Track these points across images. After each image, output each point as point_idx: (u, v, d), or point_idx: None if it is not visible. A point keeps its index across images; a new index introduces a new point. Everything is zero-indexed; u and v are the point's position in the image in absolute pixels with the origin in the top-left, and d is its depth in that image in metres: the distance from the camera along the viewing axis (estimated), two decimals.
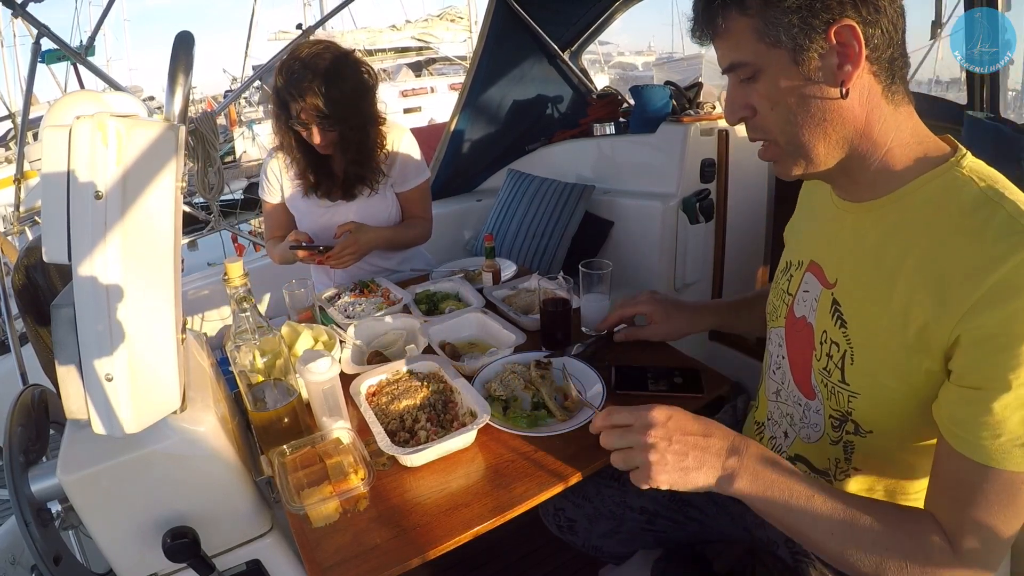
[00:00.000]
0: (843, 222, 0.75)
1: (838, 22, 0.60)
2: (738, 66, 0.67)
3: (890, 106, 0.65)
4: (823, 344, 0.75)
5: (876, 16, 0.60)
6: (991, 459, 0.58)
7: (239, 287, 0.85)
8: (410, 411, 0.96)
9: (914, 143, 0.67)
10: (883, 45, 0.62)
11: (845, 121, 0.65)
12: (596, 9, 2.74)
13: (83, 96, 1.42)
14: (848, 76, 0.62)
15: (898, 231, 0.67)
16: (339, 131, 1.50)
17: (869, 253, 0.70)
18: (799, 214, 0.93)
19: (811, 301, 0.78)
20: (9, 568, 1.11)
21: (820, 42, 0.61)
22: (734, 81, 0.70)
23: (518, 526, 0.83)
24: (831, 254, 0.77)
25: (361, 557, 0.73)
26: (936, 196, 0.64)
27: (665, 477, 0.68)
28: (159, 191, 0.67)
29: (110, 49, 17.92)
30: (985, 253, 0.58)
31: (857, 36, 0.60)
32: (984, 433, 0.58)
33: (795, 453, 0.85)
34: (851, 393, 0.71)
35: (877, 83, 0.64)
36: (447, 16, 13.06)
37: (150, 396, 0.69)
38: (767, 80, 0.65)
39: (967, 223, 0.61)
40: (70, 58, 3.94)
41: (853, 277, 0.72)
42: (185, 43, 0.70)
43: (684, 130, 2.13)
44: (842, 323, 0.72)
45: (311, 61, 1.43)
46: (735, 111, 0.71)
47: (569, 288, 1.19)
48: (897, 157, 0.67)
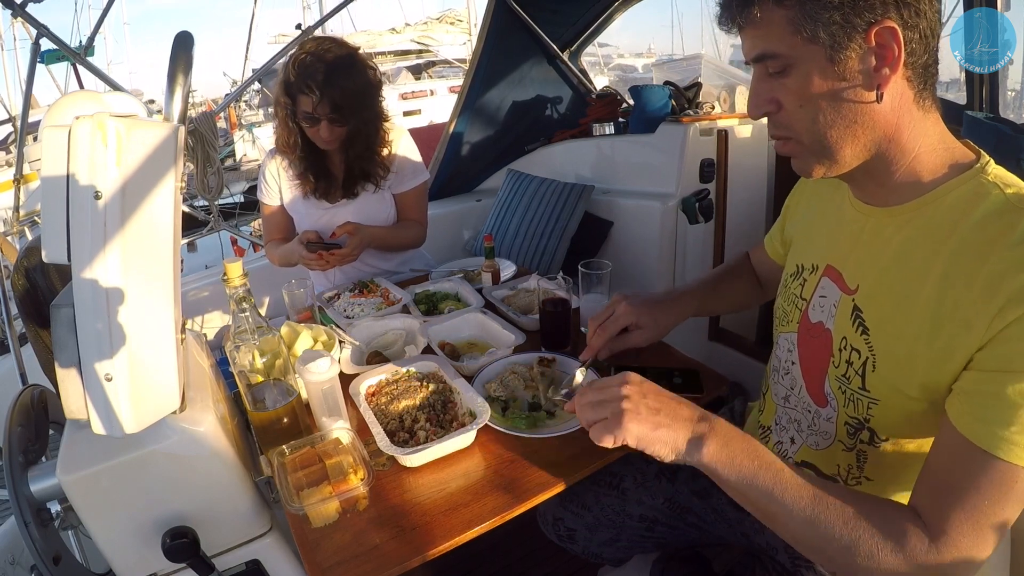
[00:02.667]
0: (863, 226, 0.73)
1: (880, 23, 0.58)
2: (768, 57, 0.64)
3: (920, 112, 0.64)
4: (843, 351, 0.73)
5: (916, 20, 0.59)
6: (994, 446, 0.56)
7: (239, 287, 0.85)
8: (409, 411, 0.96)
9: (941, 149, 0.66)
10: (920, 50, 0.61)
11: (876, 125, 0.63)
12: (595, 9, 2.74)
13: (83, 96, 1.42)
14: (885, 80, 0.60)
15: (924, 237, 0.65)
16: (349, 126, 1.50)
17: (893, 259, 0.68)
18: (799, 211, 0.91)
19: (829, 307, 0.77)
20: (9, 568, 1.10)
21: (859, 41, 0.59)
22: (760, 73, 0.67)
23: (518, 526, 0.83)
24: (850, 259, 0.75)
25: (361, 557, 0.73)
26: (962, 202, 0.63)
27: (634, 427, 0.66)
28: (159, 192, 0.67)
29: (110, 52, 17.93)
30: (1012, 256, 0.57)
31: (897, 39, 0.58)
32: (994, 417, 0.56)
33: (802, 459, 0.84)
34: (871, 400, 0.70)
35: (910, 88, 0.63)
36: (446, 19, 13.05)
37: (150, 396, 0.69)
38: (798, 76, 0.63)
39: (993, 229, 0.60)
40: (70, 59, 3.95)
41: (877, 283, 0.70)
42: (184, 44, 0.70)
43: (683, 130, 2.13)
44: (864, 330, 0.70)
45: (323, 55, 1.43)
46: (759, 105, 0.69)
47: (569, 288, 1.19)
48: (924, 163, 0.65)
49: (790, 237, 0.93)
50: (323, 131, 1.49)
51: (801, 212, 0.92)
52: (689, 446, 0.66)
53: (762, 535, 0.91)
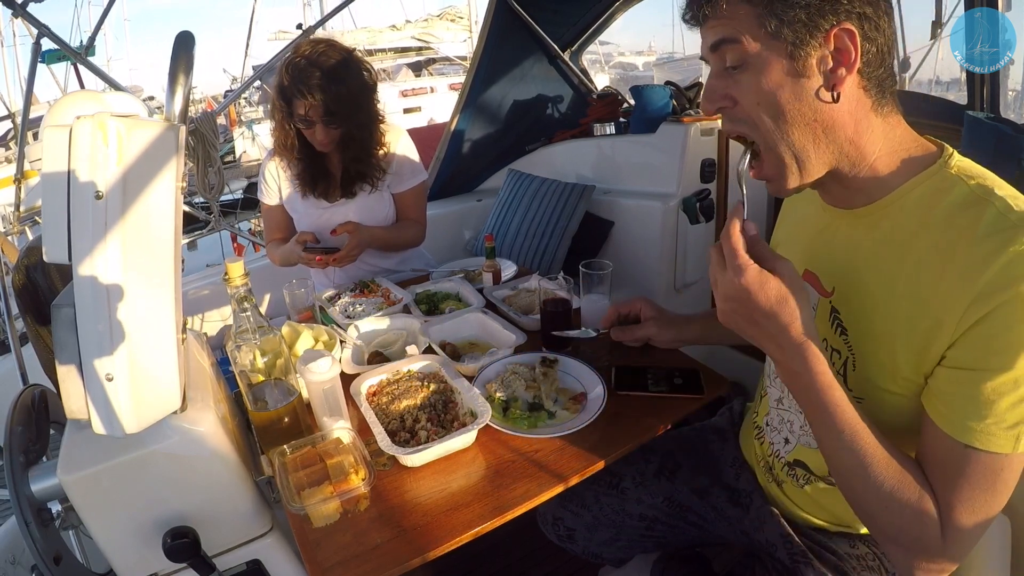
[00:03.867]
0: (836, 229, 0.74)
1: (840, 24, 0.60)
2: (728, 42, 0.64)
3: (879, 118, 0.65)
4: (824, 352, 0.74)
5: (875, 34, 0.61)
6: (975, 439, 0.59)
7: (240, 287, 0.85)
8: (410, 411, 0.96)
9: (901, 149, 0.67)
10: (876, 62, 0.62)
11: (835, 125, 0.64)
12: (596, 9, 2.74)
13: (83, 96, 1.42)
14: (841, 80, 0.61)
15: (893, 236, 0.66)
16: (343, 129, 1.51)
17: (865, 260, 0.69)
18: (784, 221, 0.93)
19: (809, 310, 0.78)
20: (9, 568, 1.10)
21: (820, 39, 0.61)
22: (717, 67, 0.67)
23: (518, 526, 0.83)
24: (825, 263, 0.76)
25: (362, 557, 0.73)
26: (927, 198, 0.64)
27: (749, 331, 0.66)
28: (159, 191, 0.67)
29: (110, 49, 17.92)
30: (979, 250, 0.58)
31: (855, 41, 0.60)
32: (970, 413, 0.59)
33: (794, 459, 0.85)
34: (855, 399, 0.70)
35: (867, 97, 0.64)
36: (447, 16, 13.04)
37: (150, 396, 0.69)
38: (756, 71, 0.63)
39: (959, 222, 0.61)
40: (70, 58, 3.94)
41: (851, 285, 0.71)
42: (185, 43, 0.70)
43: (684, 130, 2.13)
44: (842, 331, 0.72)
45: (316, 59, 1.43)
46: (714, 100, 0.68)
47: (569, 288, 1.19)
48: (886, 163, 0.67)
49: (776, 246, 0.94)
50: (319, 134, 1.49)
51: (787, 218, 0.94)
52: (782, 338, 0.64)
53: (761, 532, 0.91)
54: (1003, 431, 0.58)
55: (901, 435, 0.71)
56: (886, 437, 0.71)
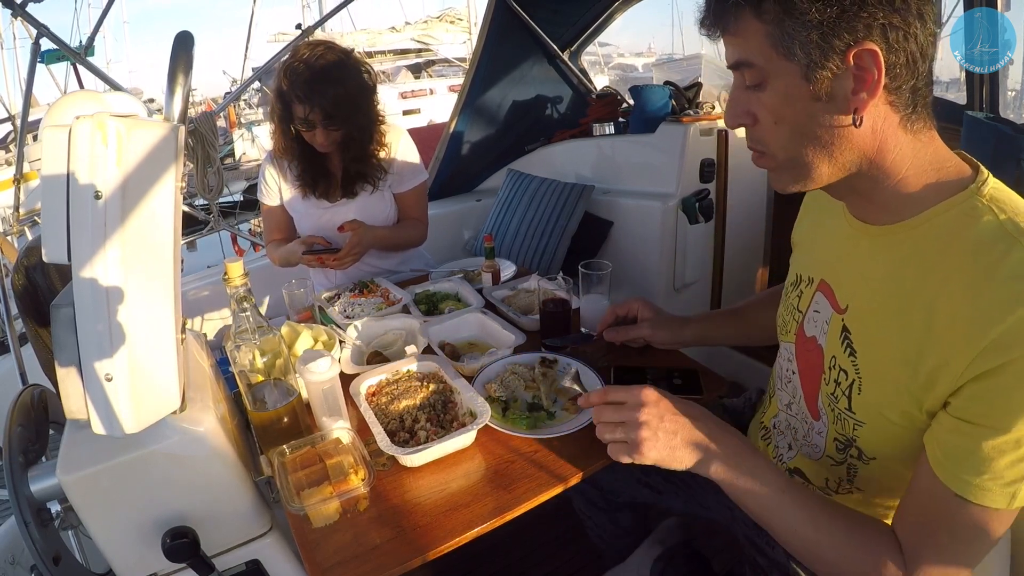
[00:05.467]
0: (857, 243, 0.71)
1: (860, 44, 0.55)
2: (744, 65, 0.63)
3: (908, 135, 0.61)
4: (832, 369, 0.73)
5: (904, 43, 0.56)
6: (968, 492, 0.57)
7: (239, 287, 0.85)
8: (410, 411, 0.96)
9: (932, 169, 0.63)
10: (905, 75, 0.57)
11: (854, 147, 0.61)
12: (596, 9, 2.74)
13: (83, 96, 1.42)
14: (863, 104, 0.58)
15: (912, 261, 0.63)
16: (343, 130, 1.51)
17: (882, 282, 0.67)
18: (807, 216, 0.90)
19: (822, 323, 0.76)
20: (9, 568, 1.10)
21: (836, 62, 0.57)
22: (739, 83, 0.65)
23: (518, 526, 0.83)
24: (843, 277, 0.74)
25: (361, 557, 0.73)
26: (953, 225, 0.60)
27: (655, 454, 0.70)
28: (159, 191, 0.67)
29: (110, 51, 17.92)
30: (999, 294, 0.55)
31: (878, 62, 0.55)
32: (967, 467, 0.57)
33: (795, 466, 0.85)
34: (856, 422, 0.70)
35: (894, 112, 0.60)
36: (447, 17, 13.05)
37: (150, 396, 0.69)
38: (774, 91, 0.61)
39: (984, 259, 0.57)
40: (70, 58, 3.94)
41: (865, 306, 0.69)
42: (185, 43, 0.70)
43: (684, 130, 2.13)
44: (851, 352, 0.70)
45: (314, 62, 1.43)
46: (736, 116, 0.67)
47: (569, 288, 1.19)
48: (912, 183, 0.63)
49: (795, 242, 0.92)
50: (319, 136, 1.49)
51: (808, 218, 0.90)
52: (698, 465, 0.71)
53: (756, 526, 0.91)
54: (1000, 487, 0.56)
55: (897, 464, 0.71)
56: (884, 462, 0.72)
